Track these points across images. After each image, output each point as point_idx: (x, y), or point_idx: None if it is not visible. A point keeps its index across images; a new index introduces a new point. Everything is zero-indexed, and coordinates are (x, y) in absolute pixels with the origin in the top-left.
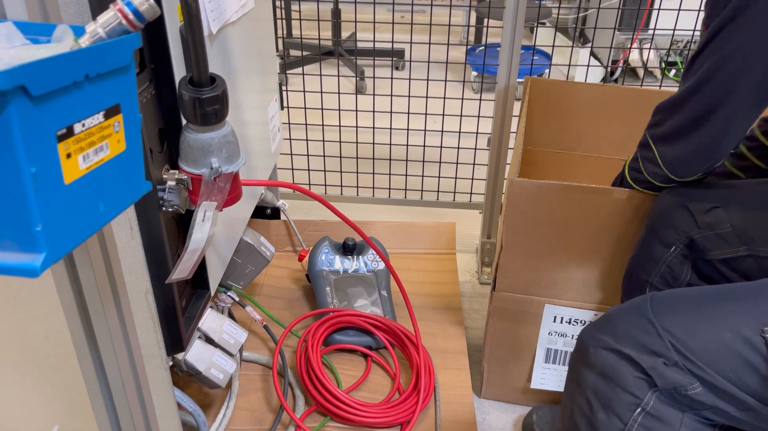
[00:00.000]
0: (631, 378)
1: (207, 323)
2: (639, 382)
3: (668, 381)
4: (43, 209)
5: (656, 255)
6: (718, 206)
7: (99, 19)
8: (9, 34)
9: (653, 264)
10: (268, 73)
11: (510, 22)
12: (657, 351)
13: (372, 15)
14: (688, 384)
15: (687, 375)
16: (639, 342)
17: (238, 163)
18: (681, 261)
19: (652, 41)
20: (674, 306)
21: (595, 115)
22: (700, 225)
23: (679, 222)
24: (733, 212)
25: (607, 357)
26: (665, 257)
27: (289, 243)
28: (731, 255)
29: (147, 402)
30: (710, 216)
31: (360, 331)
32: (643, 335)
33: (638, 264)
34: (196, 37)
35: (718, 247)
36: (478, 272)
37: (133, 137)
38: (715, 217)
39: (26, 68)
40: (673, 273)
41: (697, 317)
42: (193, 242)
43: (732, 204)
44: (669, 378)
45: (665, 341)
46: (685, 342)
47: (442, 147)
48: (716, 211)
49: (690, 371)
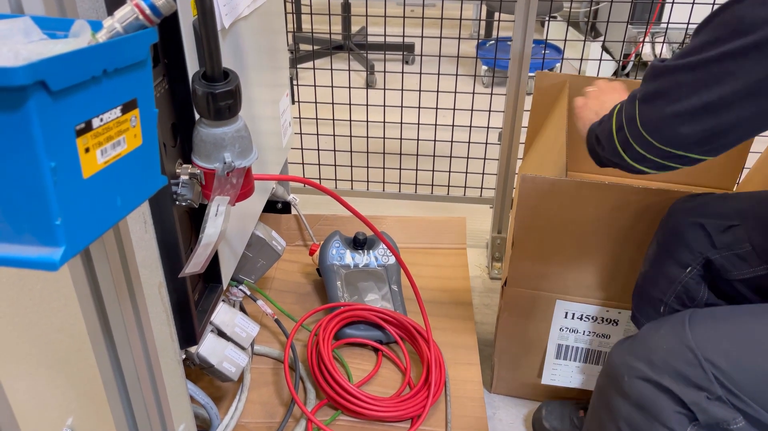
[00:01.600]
0: (671, 413)
1: (219, 317)
2: (680, 417)
3: (711, 416)
4: (62, 203)
5: (671, 275)
6: (735, 224)
7: (116, 14)
8: (27, 29)
9: (668, 284)
10: (279, 67)
11: (521, 16)
12: (700, 385)
13: (383, 9)
14: (731, 419)
15: (730, 410)
16: (680, 374)
17: (251, 158)
18: (698, 282)
19: (665, 35)
20: (716, 331)
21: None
22: (717, 246)
23: (694, 242)
24: (751, 229)
25: (644, 389)
26: (681, 277)
27: (299, 238)
28: (751, 275)
29: (161, 394)
30: (728, 235)
31: (371, 325)
32: (684, 366)
33: (651, 281)
34: (210, 33)
35: (737, 268)
36: (488, 267)
37: (149, 132)
38: (732, 236)
39: (46, 63)
40: (689, 293)
41: (741, 345)
42: (206, 236)
43: (750, 220)
44: (712, 414)
45: (708, 374)
46: (729, 374)
47: (453, 141)
48: (734, 230)
49: (733, 405)
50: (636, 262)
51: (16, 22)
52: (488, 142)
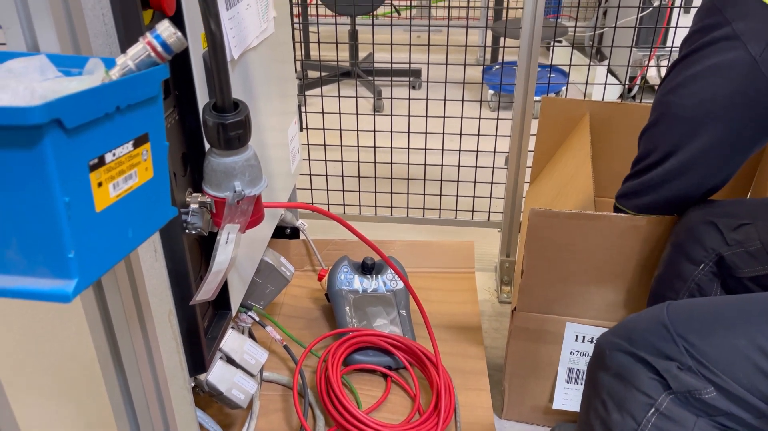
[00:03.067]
0: (645, 379)
1: (228, 344)
2: (653, 383)
3: (682, 384)
4: (75, 236)
5: (684, 274)
6: (747, 223)
7: (129, 52)
8: (42, 67)
9: (681, 282)
10: (288, 95)
11: (526, 41)
12: (671, 356)
13: (389, 35)
14: (702, 388)
15: (701, 380)
16: (654, 346)
17: (261, 186)
18: (710, 279)
19: (669, 58)
20: (690, 313)
21: (612, 132)
22: (729, 243)
23: (708, 239)
24: (761, 228)
25: (623, 359)
26: (694, 275)
27: (308, 263)
28: (761, 272)
29: (170, 422)
30: (739, 233)
31: (379, 351)
32: (658, 339)
33: (665, 282)
34: (220, 65)
35: (748, 265)
36: (497, 291)
37: (160, 164)
38: (744, 234)
39: (61, 102)
40: (702, 292)
41: (712, 324)
42: (217, 264)
43: (761, 220)
44: (683, 382)
45: (679, 346)
46: (700, 347)
47: (460, 166)
48: (745, 228)
49: (704, 376)
50: (648, 285)
51: (32, 60)
52: (495, 166)
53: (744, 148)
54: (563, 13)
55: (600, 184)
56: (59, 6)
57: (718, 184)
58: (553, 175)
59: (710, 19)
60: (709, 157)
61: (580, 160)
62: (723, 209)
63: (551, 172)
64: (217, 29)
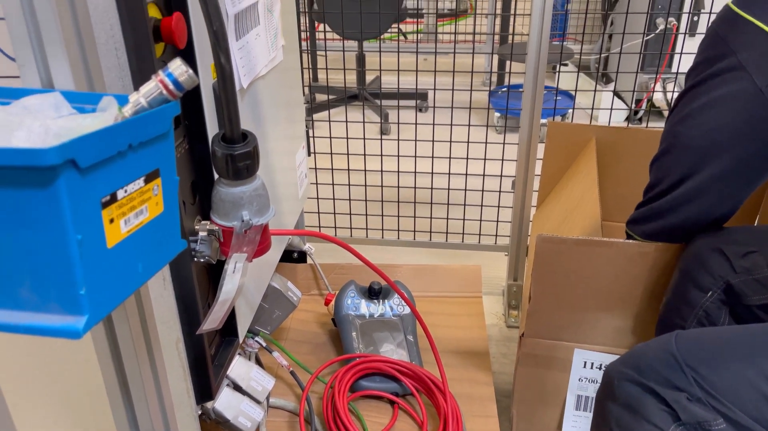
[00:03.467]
0: (655, 410)
1: (235, 370)
2: (663, 414)
3: (692, 415)
4: (87, 273)
5: (692, 301)
6: (754, 250)
7: (141, 90)
8: (57, 104)
9: (689, 309)
10: (296, 120)
11: (532, 66)
12: (680, 386)
13: (396, 59)
14: (711, 419)
15: (710, 411)
16: (663, 377)
17: (268, 215)
18: (718, 307)
19: (675, 81)
20: (699, 343)
21: (619, 157)
22: (737, 270)
23: (715, 266)
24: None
25: (632, 390)
26: (702, 302)
27: (315, 287)
28: None
29: None
30: (747, 260)
31: (386, 377)
32: (666, 370)
33: (673, 309)
34: (230, 98)
35: (756, 292)
36: (505, 315)
37: (170, 198)
38: (752, 261)
39: (76, 142)
40: (710, 319)
41: (721, 354)
42: (224, 293)
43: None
44: (692, 413)
45: (688, 377)
46: (709, 378)
47: (467, 190)
48: (753, 255)
49: (713, 407)
50: (656, 311)
51: (47, 97)
52: (502, 190)
53: (751, 178)
54: (569, 36)
55: (607, 209)
56: (73, 41)
57: (726, 212)
58: (560, 200)
59: (715, 50)
60: (717, 186)
61: (587, 185)
62: (730, 236)
63: (558, 196)
64: (227, 63)
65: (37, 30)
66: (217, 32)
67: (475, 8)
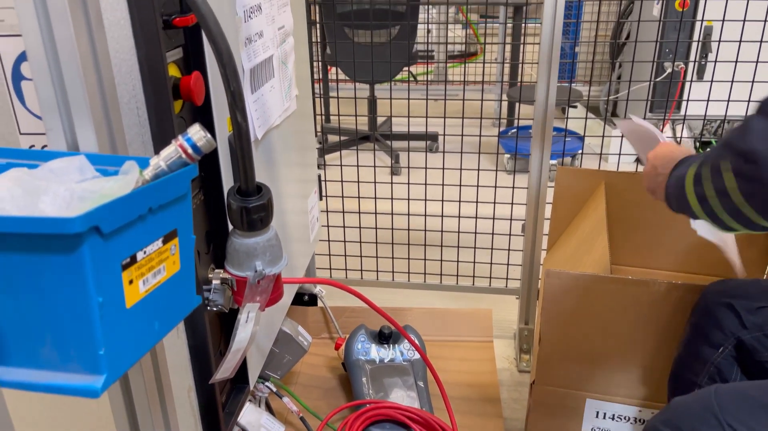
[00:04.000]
0: None
1: (245, 418)
2: None
3: None
4: (106, 333)
5: (704, 356)
6: (764, 305)
7: (162, 154)
8: (81, 167)
9: (701, 365)
10: (308, 164)
11: (540, 109)
12: None
13: (407, 99)
14: None
15: None
16: None
17: (281, 265)
18: (730, 363)
19: (683, 123)
20: (740, 401)
21: (628, 202)
22: (747, 326)
23: (726, 322)
24: None
25: None
26: (713, 358)
27: (326, 330)
28: None
29: None
30: (758, 316)
31: (396, 424)
32: (707, 429)
33: (685, 364)
34: (245, 153)
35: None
36: (516, 359)
37: (186, 256)
38: (762, 317)
39: (100, 210)
40: (722, 375)
41: (762, 415)
42: (237, 342)
43: None
44: None
45: None
46: None
47: (477, 233)
48: (763, 311)
49: None
50: (666, 355)
51: (72, 160)
52: (512, 234)
53: None
54: (577, 78)
55: (616, 254)
56: (98, 103)
57: None
58: (570, 244)
59: None
60: None
61: (597, 230)
62: (740, 290)
63: (568, 241)
64: (244, 121)
65: (64, 94)
66: (234, 92)
67: (485, 52)
